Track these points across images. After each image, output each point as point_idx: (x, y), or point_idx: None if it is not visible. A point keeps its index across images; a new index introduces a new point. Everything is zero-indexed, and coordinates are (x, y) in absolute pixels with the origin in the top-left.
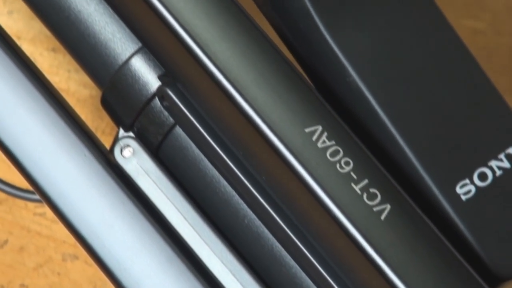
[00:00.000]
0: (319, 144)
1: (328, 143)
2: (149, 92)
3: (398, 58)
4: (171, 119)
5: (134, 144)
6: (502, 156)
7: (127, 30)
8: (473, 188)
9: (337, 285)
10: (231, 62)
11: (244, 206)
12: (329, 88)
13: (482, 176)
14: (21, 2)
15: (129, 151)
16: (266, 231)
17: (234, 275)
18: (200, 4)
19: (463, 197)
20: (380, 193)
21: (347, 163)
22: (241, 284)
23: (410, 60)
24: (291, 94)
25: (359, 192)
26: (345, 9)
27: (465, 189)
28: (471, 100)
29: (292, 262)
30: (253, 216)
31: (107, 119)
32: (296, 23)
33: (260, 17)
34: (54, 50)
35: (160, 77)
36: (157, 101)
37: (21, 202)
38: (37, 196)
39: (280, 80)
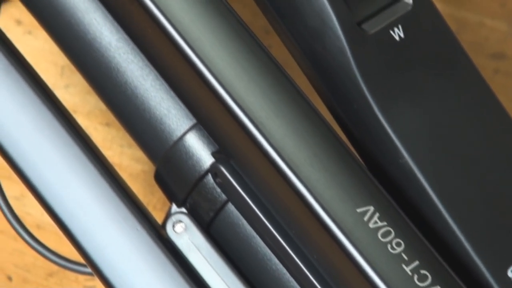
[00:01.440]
0: (371, 225)
1: (379, 223)
2: (203, 168)
3: (451, 140)
4: (223, 196)
5: (186, 219)
6: None
7: (182, 106)
8: None
9: None
10: (285, 140)
11: (294, 284)
12: (381, 168)
13: None
14: (78, 77)
15: (181, 226)
16: None
17: None
18: (255, 82)
19: None
20: (431, 275)
21: (398, 244)
22: None
23: (463, 142)
24: (344, 173)
25: (409, 273)
26: (398, 90)
27: None
28: None
29: None
30: None
31: (158, 194)
32: (349, 103)
33: (314, 94)
34: (108, 124)
35: (213, 154)
36: (210, 177)
37: (71, 275)
38: (88, 269)
39: (333, 159)
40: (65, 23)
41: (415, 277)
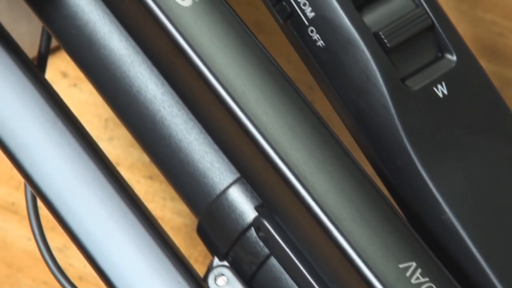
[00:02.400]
0: (413, 280)
1: (421, 279)
2: (245, 222)
3: (494, 197)
4: (266, 250)
5: (228, 273)
6: None
7: (226, 159)
8: None
9: None
10: (328, 195)
11: None
12: (423, 223)
13: None
14: (121, 130)
15: (223, 280)
16: None
17: None
18: (299, 137)
19: None
20: None
21: None
22: None
23: (506, 200)
24: (386, 228)
25: None
26: (442, 147)
27: None
28: None
29: None
30: None
31: (200, 247)
32: (392, 159)
33: (356, 149)
34: (151, 177)
35: (257, 208)
36: (252, 231)
37: None
38: None
39: (375, 215)
40: (110, 76)
41: None
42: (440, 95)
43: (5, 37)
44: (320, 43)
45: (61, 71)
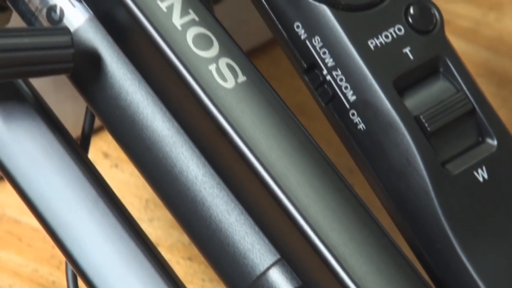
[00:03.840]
0: None
1: None
2: None
3: None
4: None
5: None
6: None
7: (266, 241)
8: None
9: None
10: (368, 277)
11: None
12: None
13: None
14: (161, 211)
15: None
16: None
17: None
18: (339, 219)
19: None
20: None
21: None
22: None
23: None
24: None
25: None
26: (482, 232)
27: None
28: None
29: None
30: None
31: None
32: (432, 242)
33: (395, 231)
34: (190, 259)
35: None
36: None
37: None
38: None
39: None
40: (153, 156)
41: None
42: (481, 179)
43: (50, 117)
44: (361, 126)
45: (103, 152)
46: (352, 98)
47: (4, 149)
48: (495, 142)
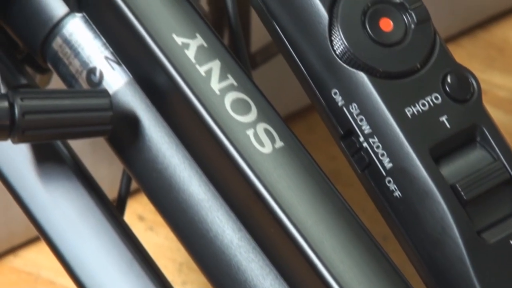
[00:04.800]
0: None
1: None
2: None
3: None
4: None
5: None
6: None
7: None
8: None
9: None
10: None
11: None
12: None
13: None
14: (194, 274)
15: None
16: None
17: None
18: (375, 286)
19: None
20: None
21: None
22: None
23: None
24: None
25: None
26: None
27: None
28: None
29: None
30: None
31: None
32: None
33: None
34: None
35: None
36: None
37: None
38: None
39: None
40: (188, 219)
41: None
42: None
43: (87, 178)
44: (397, 193)
45: (138, 214)
46: (389, 165)
47: (42, 210)
48: None
